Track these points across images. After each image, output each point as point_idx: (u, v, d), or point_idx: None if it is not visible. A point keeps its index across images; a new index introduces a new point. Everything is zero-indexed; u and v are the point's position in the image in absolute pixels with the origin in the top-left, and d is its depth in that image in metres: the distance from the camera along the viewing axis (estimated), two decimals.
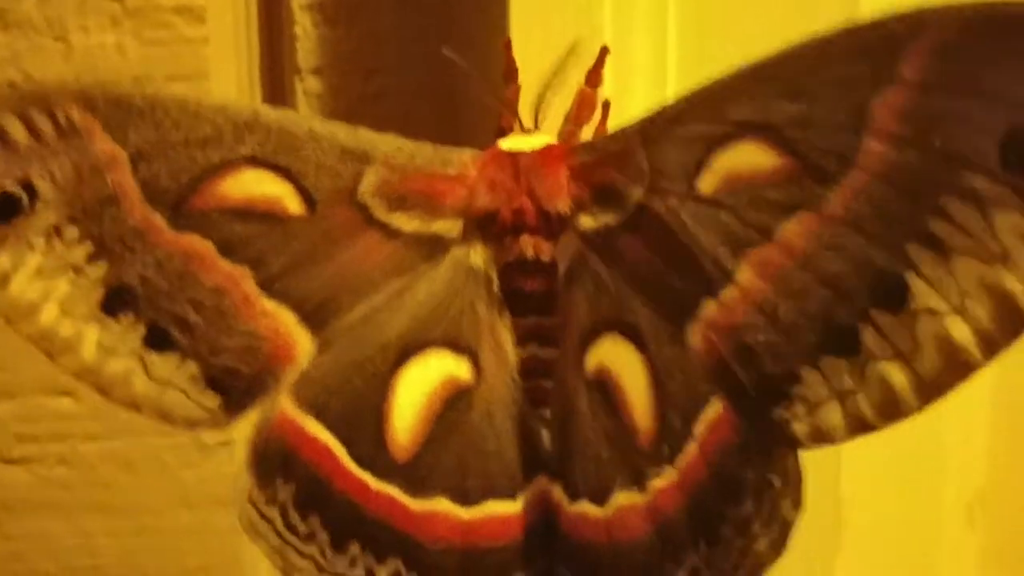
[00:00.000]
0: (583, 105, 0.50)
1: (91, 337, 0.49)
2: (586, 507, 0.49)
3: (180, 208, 0.49)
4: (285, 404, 0.50)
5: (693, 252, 0.47)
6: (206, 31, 0.65)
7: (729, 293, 0.46)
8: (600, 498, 0.48)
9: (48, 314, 0.49)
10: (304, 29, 0.65)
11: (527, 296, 0.50)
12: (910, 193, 0.43)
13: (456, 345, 0.50)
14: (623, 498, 0.48)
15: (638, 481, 0.48)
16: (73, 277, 0.49)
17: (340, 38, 0.65)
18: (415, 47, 0.64)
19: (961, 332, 0.43)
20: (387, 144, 0.50)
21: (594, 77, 0.50)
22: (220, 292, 0.50)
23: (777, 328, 0.46)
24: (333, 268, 0.50)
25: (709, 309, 0.47)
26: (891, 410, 0.45)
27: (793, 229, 0.45)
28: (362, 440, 0.50)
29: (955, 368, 0.44)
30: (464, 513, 0.50)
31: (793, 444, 0.46)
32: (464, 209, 0.50)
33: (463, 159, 0.50)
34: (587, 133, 0.51)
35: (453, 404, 0.50)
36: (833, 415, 0.45)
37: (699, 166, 0.46)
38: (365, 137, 0.50)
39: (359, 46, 0.64)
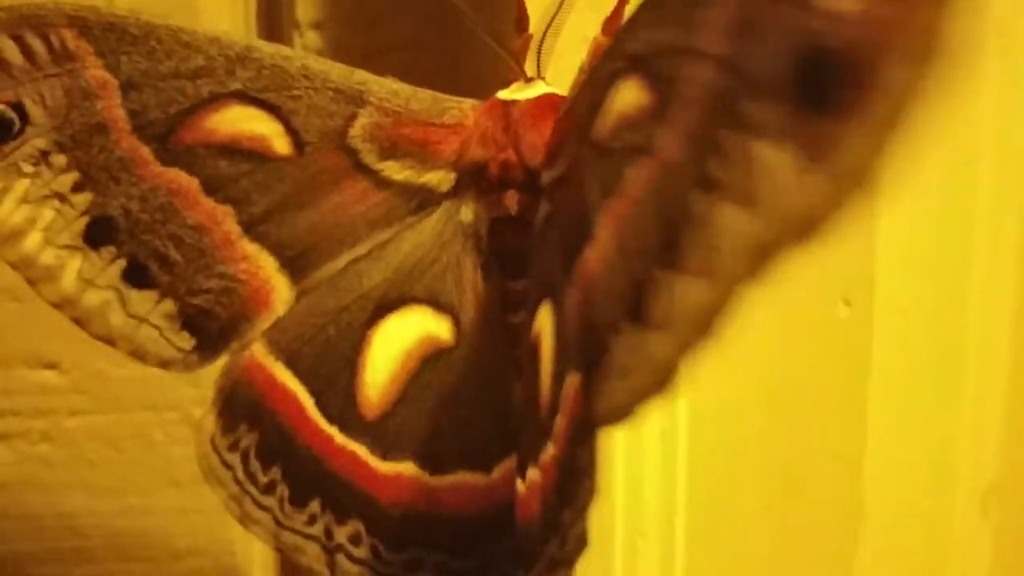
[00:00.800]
0: (596, 55, 0.48)
1: (72, 267, 0.49)
2: (520, 483, 0.46)
3: (167, 141, 0.49)
4: (256, 348, 0.50)
5: (583, 207, 0.41)
6: None
7: (591, 252, 0.40)
8: (523, 475, 0.45)
9: (32, 241, 0.49)
10: None
11: (516, 255, 0.47)
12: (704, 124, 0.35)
13: (438, 303, 0.49)
14: (532, 474, 0.45)
15: (535, 458, 0.44)
16: (58, 205, 0.49)
17: None
18: (418, 0, 0.62)
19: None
20: (383, 87, 0.49)
21: (611, 26, 0.47)
22: (201, 230, 0.49)
23: (605, 287, 0.39)
24: (318, 214, 0.49)
25: (579, 269, 0.41)
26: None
27: (633, 174, 0.38)
28: (331, 393, 0.50)
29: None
30: (432, 480, 0.49)
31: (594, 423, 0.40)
32: (456, 161, 0.48)
33: (462, 108, 0.48)
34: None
35: (430, 364, 0.49)
36: (621, 394, 0.38)
37: (598, 107, 0.41)
38: (360, 78, 0.49)
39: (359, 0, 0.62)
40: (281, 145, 0.49)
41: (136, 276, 0.50)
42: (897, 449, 0.69)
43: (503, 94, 0.48)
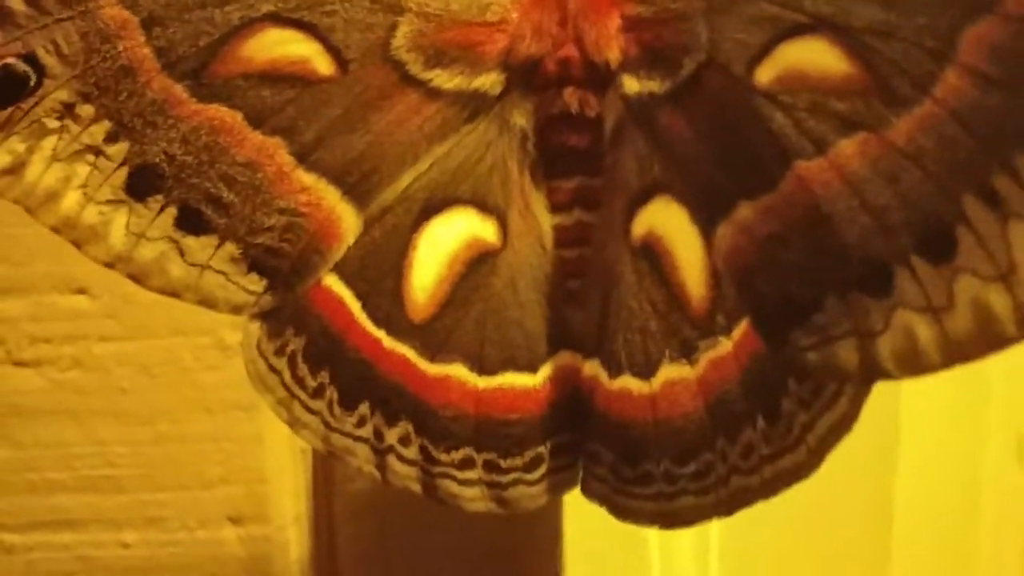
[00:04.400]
0: None
1: (119, 222, 0.47)
2: (629, 382, 0.46)
3: (201, 76, 0.46)
4: None
5: (737, 146, 0.43)
6: None
7: (768, 200, 0.43)
8: (645, 372, 0.46)
9: (70, 200, 0.47)
10: None
11: (570, 154, 0.46)
12: (982, 139, 0.39)
13: (484, 205, 0.48)
14: (671, 371, 0.46)
15: (688, 354, 0.45)
16: (93, 159, 0.46)
17: None
18: None
19: (1001, 302, 0.40)
20: None
21: None
22: (253, 166, 0.47)
23: (810, 249, 0.42)
24: (371, 134, 0.47)
25: (744, 212, 0.43)
26: (910, 362, 0.42)
27: (850, 148, 0.41)
28: (378, 296, 0.48)
29: (987, 338, 0.40)
30: (480, 381, 0.48)
31: (803, 370, 0.44)
32: (504, 59, 0.46)
33: (502, 3, 0.46)
34: None
35: (476, 267, 0.48)
36: (848, 352, 0.43)
37: (762, 52, 0.42)
38: None
39: None
40: (323, 65, 0.46)
41: (190, 222, 0.47)
42: (934, 395, 0.69)
43: None
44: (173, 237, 0.47)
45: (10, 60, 0.45)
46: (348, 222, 0.48)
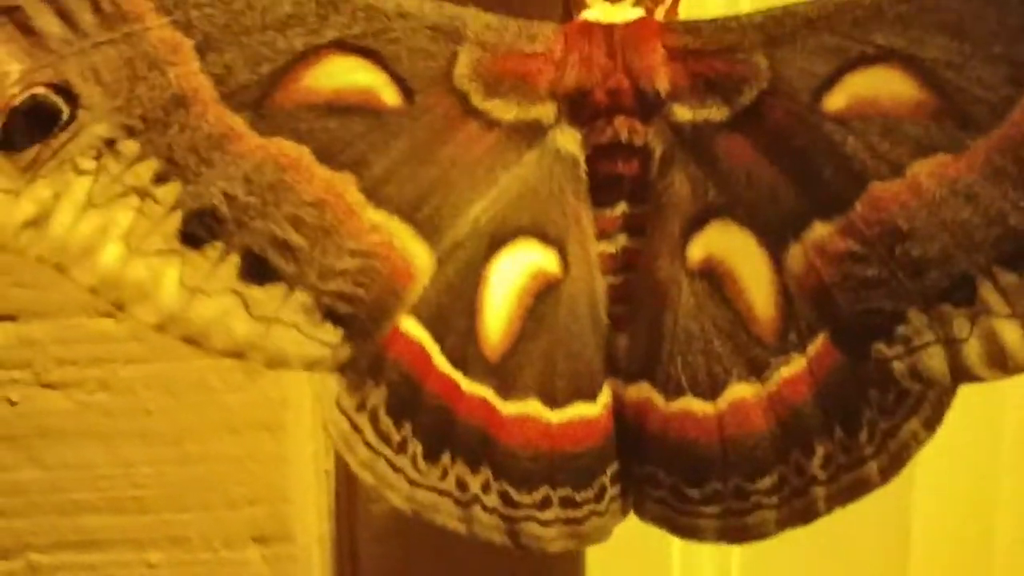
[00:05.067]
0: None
1: (171, 276, 0.43)
2: (691, 404, 0.46)
3: (263, 107, 0.43)
4: None
5: (807, 170, 0.44)
6: None
7: (844, 220, 0.44)
8: (710, 393, 0.46)
9: (110, 254, 0.42)
10: None
11: (618, 182, 0.47)
12: None
13: (544, 234, 0.47)
14: (739, 391, 0.46)
15: (757, 372, 0.46)
16: (138, 204, 0.42)
17: None
18: None
19: None
20: (476, 20, 0.45)
21: None
22: (321, 205, 0.44)
23: (891, 265, 0.44)
24: (438, 167, 0.45)
25: (818, 231, 0.44)
26: (999, 364, 0.43)
27: (926, 169, 0.43)
28: (455, 337, 0.46)
29: None
30: (552, 416, 0.47)
31: (887, 380, 0.45)
32: (554, 88, 0.46)
33: (546, 33, 0.46)
34: (658, 15, 0.48)
35: (542, 299, 0.47)
36: (935, 360, 0.44)
37: (830, 81, 0.43)
38: (452, 12, 0.45)
39: None
40: (390, 96, 0.44)
41: (255, 271, 0.44)
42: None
43: (592, 16, 0.46)
44: (237, 289, 0.43)
45: (39, 90, 0.41)
46: (421, 260, 0.46)
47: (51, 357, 0.69)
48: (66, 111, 0.41)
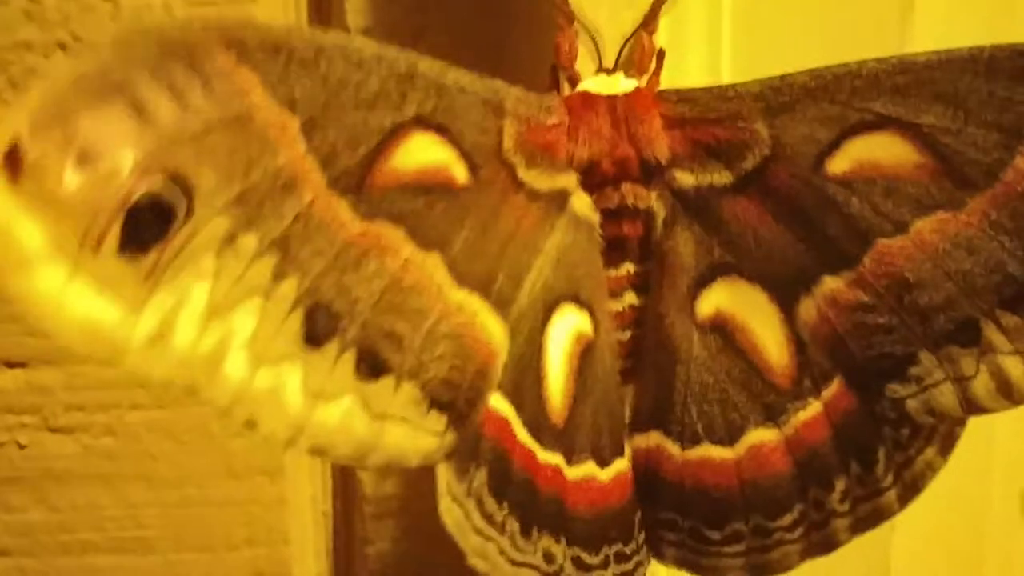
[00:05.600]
0: (643, 53, 0.49)
1: (294, 382, 0.39)
2: (709, 451, 0.48)
3: (362, 191, 0.40)
4: None
5: (814, 228, 0.46)
6: None
7: (853, 274, 0.46)
8: (727, 440, 0.48)
9: (233, 366, 0.37)
10: None
11: (625, 243, 0.49)
12: None
13: (578, 298, 0.48)
14: (756, 436, 0.48)
15: (774, 417, 0.48)
16: (261, 304, 0.38)
17: None
18: (464, 8, 0.63)
19: None
20: (509, 93, 0.45)
21: (650, 23, 0.49)
22: (418, 289, 0.42)
23: (900, 313, 0.46)
24: (499, 240, 0.45)
25: (828, 285, 0.47)
26: (1006, 396, 0.46)
27: (928, 226, 0.45)
28: (530, 406, 0.46)
29: None
30: (602, 475, 0.49)
31: (900, 417, 0.47)
32: (570, 159, 0.47)
33: (555, 105, 0.47)
34: (640, 83, 0.50)
35: (584, 360, 0.48)
36: (946, 396, 0.46)
37: (831, 146, 0.46)
38: (493, 86, 0.44)
39: (408, 5, 0.63)
40: (460, 172, 0.43)
41: (369, 366, 0.41)
42: None
43: (590, 87, 0.47)
44: (355, 387, 0.41)
45: (157, 183, 0.34)
46: (498, 336, 0.45)
47: (59, 403, 0.70)
48: (184, 204, 0.35)
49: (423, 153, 0.42)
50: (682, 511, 0.49)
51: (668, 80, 0.50)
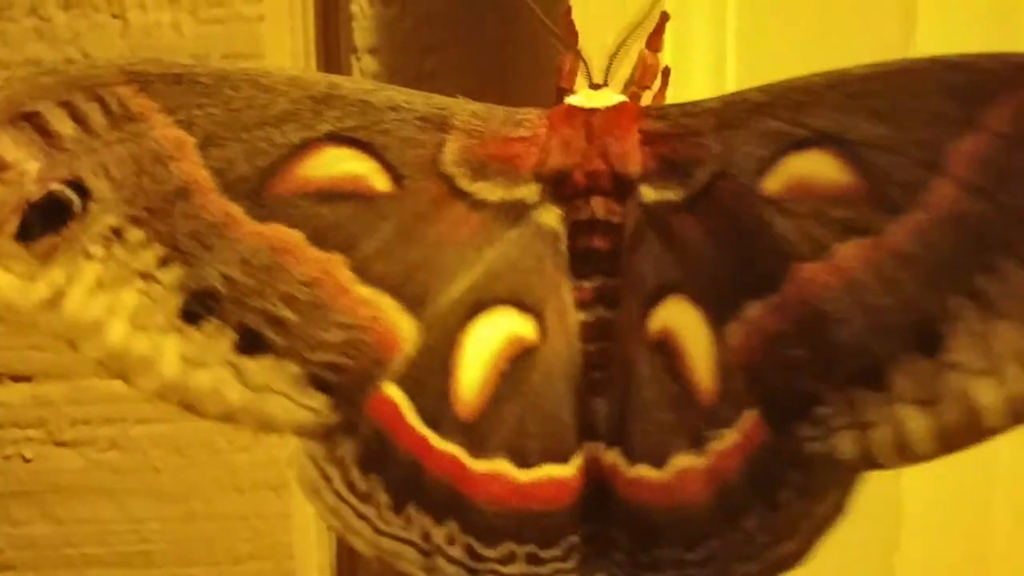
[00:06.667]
0: (645, 70, 0.50)
1: (171, 350, 0.46)
2: (644, 471, 0.48)
3: (260, 196, 0.46)
4: None
5: (745, 250, 0.46)
6: (262, 9, 0.65)
7: (774, 300, 0.46)
8: (659, 461, 0.48)
9: (116, 332, 0.46)
10: (361, 8, 0.64)
11: (595, 256, 0.49)
12: (967, 244, 0.42)
13: (522, 303, 0.49)
14: (683, 461, 0.47)
15: (698, 444, 0.47)
16: (143, 286, 0.46)
17: (396, 17, 0.64)
18: (470, 26, 0.64)
19: (987, 396, 0.42)
20: (463, 109, 0.48)
21: (655, 41, 0.50)
22: (314, 284, 0.47)
23: (812, 345, 0.45)
24: (425, 246, 0.48)
25: (751, 311, 0.46)
26: (902, 453, 0.44)
27: (849, 252, 0.44)
28: (428, 396, 0.49)
29: (973, 429, 0.43)
30: (521, 475, 0.49)
31: (803, 461, 0.46)
32: (538, 169, 0.48)
33: (531, 118, 0.49)
34: (647, 99, 0.50)
35: (517, 363, 0.49)
36: (846, 444, 0.45)
37: (770, 163, 0.45)
38: (441, 103, 0.48)
39: (415, 25, 0.64)
40: (380, 182, 0.47)
41: (249, 345, 0.47)
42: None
43: (574, 101, 0.49)
44: (231, 361, 0.47)
45: (55, 186, 0.44)
46: (407, 332, 0.48)
47: (64, 417, 0.70)
48: (78, 204, 0.44)
49: (337, 165, 0.46)
50: (625, 530, 0.49)
51: (673, 97, 0.51)
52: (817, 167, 0.44)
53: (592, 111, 0.48)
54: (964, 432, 0.43)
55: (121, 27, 0.64)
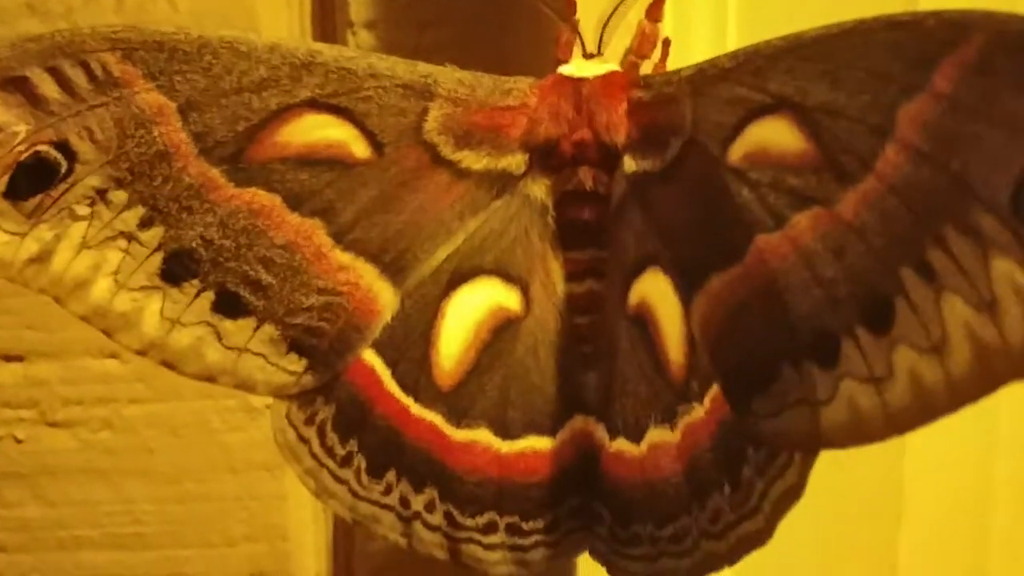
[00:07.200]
0: (644, 40, 0.49)
1: (152, 309, 0.47)
2: (623, 445, 0.48)
3: (239, 160, 0.47)
4: None
5: (711, 221, 0.46)
6: None
7: (735, 272, 0.45)
8: (636, 436, 0.48)
9: (100, 288, 0.47)
10: None
11: (583, 227, 0.48)
12: (916, 213, 0.41)
13: (507, 274, 0.49)
14: (656, 435, 0.47)
15: (670, 418, 0.47)
16: (125, 245, 0.47)
17: None
18: (467, 0, 0.63)
19: (933, 374, 0.41)
20: (448, 77, 0.48)
21: (655, 11, 0.49)
22: (291, 248, 0.48)
23: (769, 319, 0.44)
24: (406, 213, 0.48)
25: (715, 282, 0.46)
26: (852, 432, 0.43)
27: (803, 222, 0.43)
28: (407, 364, 0.49)
29: (922, 409, 0.42)
30: (503, 446, 0.49)
31: (759, 438, 0.45)
32: (526, 139, 0.48)
33: (522, 88, 0.48)
34: (646, 69, 0.50)
35: (500, 334, 0.50)
36: (798, 421, 0.44)
37: (734, 132, 0.44)
38: (425, 71, 0.48)
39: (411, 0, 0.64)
40: (360, 149, 0.48)
41: (228, 306, 0.48)
42: (941, 440, 0.69)
43: (566, 70, 0.48)
44: (210, 321, 0.48)
45: (41, 148, 0.45)
46: (386, 299, 0.49)
47: (57, 397, 0.70)
48: (64, 165, 0.46)
49: (315, 131, 0.47)
50: (606, 504, 0.49)
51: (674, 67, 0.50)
52: (776, 134, 0.43)
53: (582, 80, 0.48)
54: (912, 412, 0.42)
55: (114, 3, 0.64)
